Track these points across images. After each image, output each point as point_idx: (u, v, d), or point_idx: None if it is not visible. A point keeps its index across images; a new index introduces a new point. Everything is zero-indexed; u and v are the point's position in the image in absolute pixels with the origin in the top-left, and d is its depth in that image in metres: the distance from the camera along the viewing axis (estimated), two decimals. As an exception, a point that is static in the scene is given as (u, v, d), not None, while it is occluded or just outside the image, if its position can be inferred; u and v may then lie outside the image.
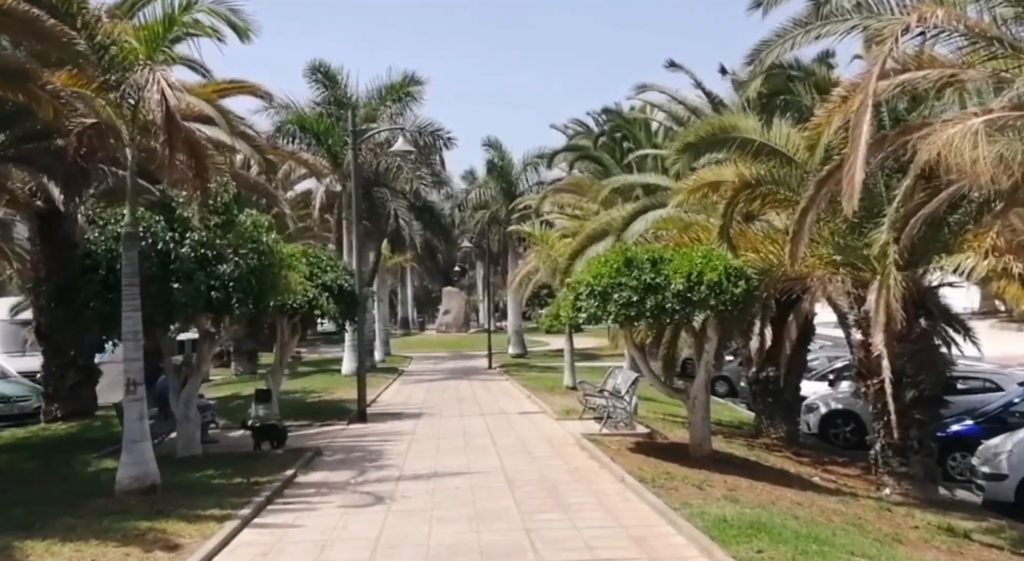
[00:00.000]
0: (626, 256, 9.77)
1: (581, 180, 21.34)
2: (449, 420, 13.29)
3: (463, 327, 41.73)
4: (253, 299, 8.89)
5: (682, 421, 13.96)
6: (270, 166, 12.67)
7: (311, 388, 18.51)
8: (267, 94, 13.71)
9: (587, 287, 9.77)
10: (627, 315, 9.48)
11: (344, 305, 12.96)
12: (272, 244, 8.96)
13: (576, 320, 10.07)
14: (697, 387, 9.94)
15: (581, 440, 10.55)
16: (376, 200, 23.00)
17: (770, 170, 10.02)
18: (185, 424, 9.55)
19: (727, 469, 9.47)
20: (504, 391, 18.55)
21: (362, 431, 12.24)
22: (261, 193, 13.55)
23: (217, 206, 8.91)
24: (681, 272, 9.35)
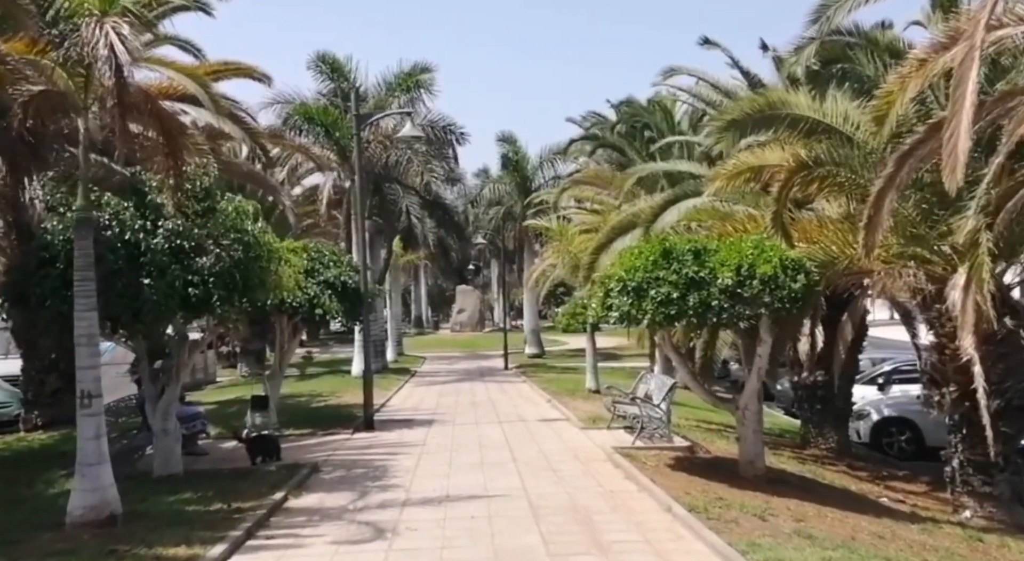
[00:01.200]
0: (664, 247, 8.35)
1: (601, 172, 19.89)
2: (463, 428, 11.93)
3: (478, 326, 40.44)
4: (237, 296, 7.60)
5: (718, 428, 12.53)
6: (266, 153, 11.38)
7: (318, 391, 17.26)
8: (265, 76, 12.47)
9: (619, 283, 8.35)
10: (666, 314, 8.05)
11: (348, 303, 11.65)
12: (259, 234, 7.65)
13: (607, 320, 8.66)
14: (748, 396, 8.48)
15: (613, 455, 9.14)
16: (387, 196, 21.76)
17: (828, 150, 8.55)
18: (163, 438, 8.29)
19: (785, 490, 8.03)
20: (522, 394, 17.16)
21: (367, 441, 10.93)
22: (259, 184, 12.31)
23: (196, 191, 7.65)
24: (729, 265, 7.92)
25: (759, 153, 9.84)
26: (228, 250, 7.48)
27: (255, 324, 18.02)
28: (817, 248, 8.44)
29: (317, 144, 18.56)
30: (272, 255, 7.80)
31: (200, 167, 7.69)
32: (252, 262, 7.61)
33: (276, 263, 7.90)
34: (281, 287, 8.23)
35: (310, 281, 11.24)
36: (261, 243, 7.66)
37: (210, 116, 9.05)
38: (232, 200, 7.71)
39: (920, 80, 7.20)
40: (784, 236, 8.48)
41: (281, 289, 8.32)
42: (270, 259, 7.74)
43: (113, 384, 16.03)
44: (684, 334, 10.05)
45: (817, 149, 8.46)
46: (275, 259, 7.88)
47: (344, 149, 18.10)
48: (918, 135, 7.16)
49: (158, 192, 7.59)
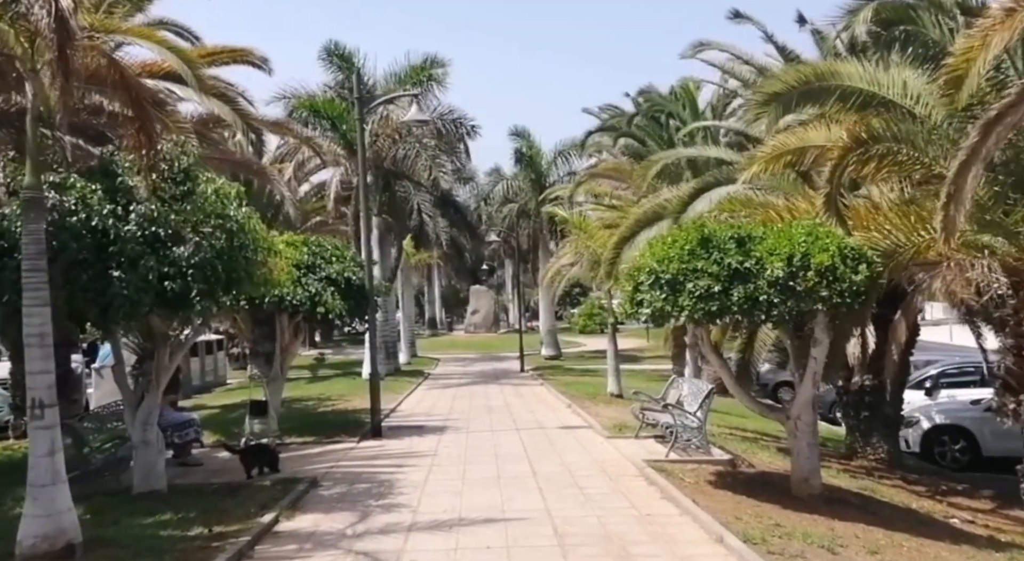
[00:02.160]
0: (702, 233, 7.26)
1: (620, 164, 18.81)
2: (478, 437, 10.89)
3: (492, 327, 39.45)
4: (220, 291, 6.64)
5: (753, 437, 11.38)
6: (260, 137, 10.42)
7: (327, 394, 16.33)
8: (263, 61, 11.53)
9: (650, 275, 7.28)
10: (706, 310, 6.96)
11: (353, 301, 10.69)
12: (243, 220, 6.68)
13: (637, 317, 7.58)
14: (800, 405, 7.35)
15: (645, 469, 8.04)
16: (397, 193, 20.84)
17: (888, 124, 7.40)
18: (143, 451, 7.34)
19: (845, 512, 6.90)
20: (540, 399, 16.08)
21: (374, 451, 9.93)
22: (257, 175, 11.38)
23: (174, 172, 6.70)
24: (779, 254, 6.81)
25: (801, 133, 8.73)
26: (209, 238, 6.52)
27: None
28: (877, 235, 7.29)
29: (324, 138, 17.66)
30: (259, 244, 6.82)
31: (178, 145, 6.73)
32: (236, 252, 6.65)
33: (265, 253, 6.92)
34: (272, 281, 7.24)
35: (311, 277, 10.32)
36: (246, 230, 6.68)
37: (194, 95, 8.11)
38: (213, 181, 6.74)
39: (1007, 33, 6.05)
40: (839, 221, 7.35)
41: (272, 284, 7.33)
42: (257, 249, 6.76)
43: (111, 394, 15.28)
44: (720, 334, 8.94)
45: (875, 124, 7.31)
46: (263, 249, 6.89)
47: (351, 143, 17.17)
48: (1008, 98, 6.01)
49: (132, 173, 6.67)
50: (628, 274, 7.69)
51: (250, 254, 6.73)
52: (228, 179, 7.92)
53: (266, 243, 6.99)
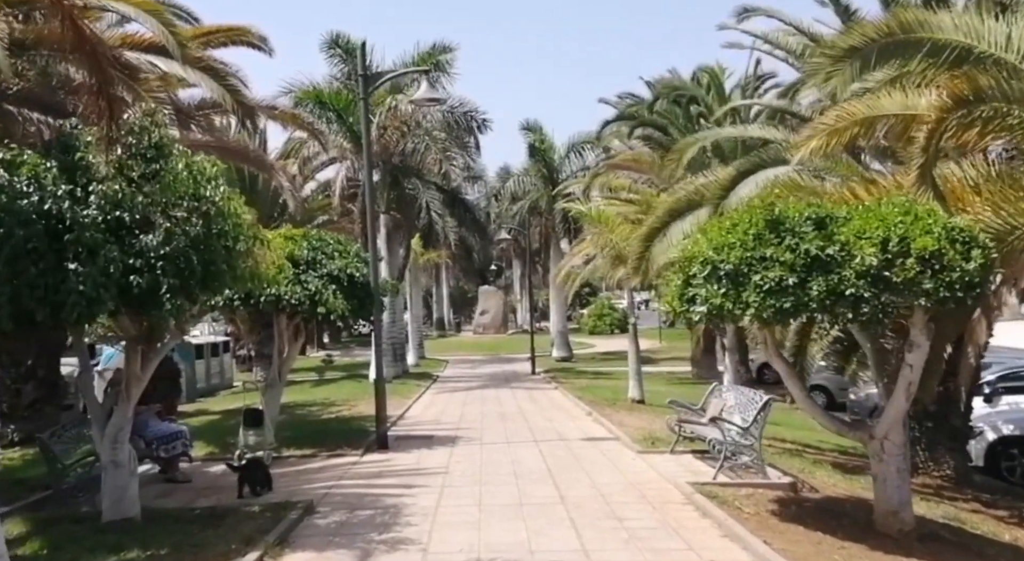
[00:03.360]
0: (771, 214, 5.95)
1: (639, 155, 17.51)
2: (493, 449, 9.60)
3: (501, 328, 38.16)
4: (196, 286, 5.38)
5: (795, 449, 10.03)
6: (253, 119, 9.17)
7: (332, 399, 15.08)
8: (262, 39, 10.33)
9: (705, 265, 5.98)
10: (777, 307, 5.64)
11: (356, 300, 9.41)
12: (221, 201, 5.42)
13: (689, 316, 6.25)
14: (889, 422, 6.01)
15: (693, 495, 6.73)
16: (406, 191, 19.61)
17: (998, 82, 6.08)
18: (113, 473, 6.07)
19: (945, 553, 5.60)
20: (556, 404, 14.78)
21: (379, 466, 8.64)
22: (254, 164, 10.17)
23: (143, 147, 5.46)
24: (871, 238, 5.50)
25: (871, 101, 7.41)
26: (182, 224, 5.28)
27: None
28: (987, 215, 5.95)
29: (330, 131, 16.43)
30: (242, 231, 5.55)
31: (148, 115, 5.48)
32: (215, 240, 5.40)
33: (250, 243, 5.66)
34: (260, 276, 5.97)
35: (311, 274, 9.07)
36: (226, 214, 5.42)
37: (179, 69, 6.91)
38: (185, 155, 5.48)
39: None
40: (937, 198, 6.03)
41: (261, 279, 6.06)
42: (239, 237, 5.49)
43: None
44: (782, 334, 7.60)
45: (983, 81, 5.99)
46: (247, 237, 5.63)
47: (358, 136, 15.91)
48: None
49: (95, 149, 5.45)
50: (678, 265, 6.38)
51: (231, 243, 5.47)
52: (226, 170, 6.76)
53: (251, 231, 5.72)
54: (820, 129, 7.68)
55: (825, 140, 7.57)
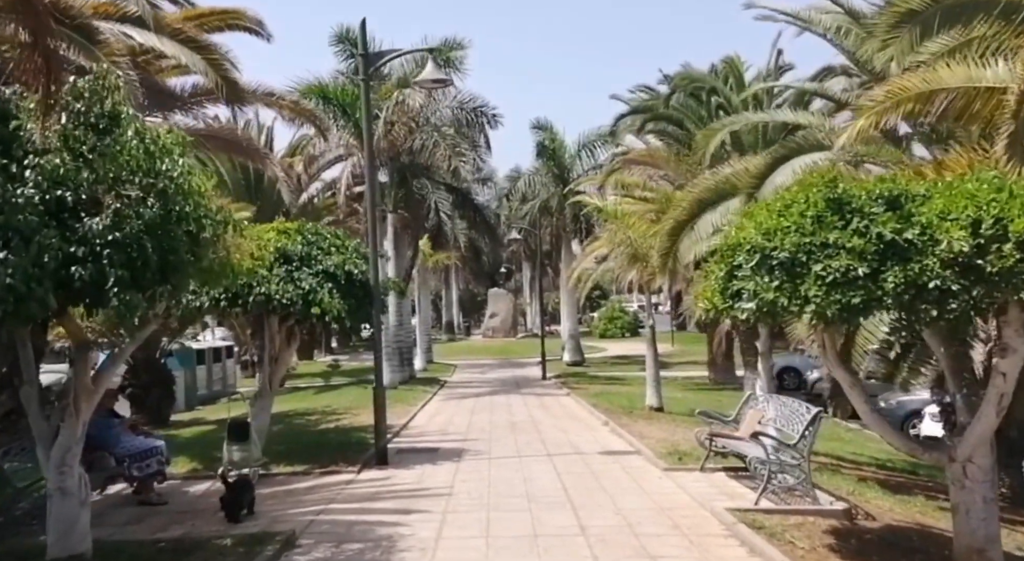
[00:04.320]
0: (834, 193, 4.93)
1: (655, 151, 16.51)
2: (503, 465, 8.57)
3: (511, 332, 37.16)
4: (151, 280, 4.44)
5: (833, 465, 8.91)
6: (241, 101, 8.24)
7: (334, 407, 14.11)
8: (257, 22, 9.46)
9: (752, 254, 4.97)
10: (844, 303, 4.61)
11: (354, 300, 8.45)
12: (180, 177, 4.47)
13: (734, 313, 5.22)
14: (974, 442, 4.94)
15: (735, 525, 5.67)
16: (414, 191, 18.72)
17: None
18: (59, 503, 5.11)
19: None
20: (569, 412, 13.74)
21: (375, 486, 7.64)
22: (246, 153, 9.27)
23: (93, 116, 4.54)
24: (960, 219, 4.47)
25: (928, 74, 6.39)
26: (135, 205, 4.35)
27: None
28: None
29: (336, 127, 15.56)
30: (207, 213, 4.60)
31: (100, 78, 4.57)
32: (174, 225, 4.45)
33: (218, 229, 4.70)
34: (233, 269, 5.00)
35: (304, 271, 8.14)
36: (186, 193, 4.48)
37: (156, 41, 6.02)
38: (133, 119, 4.54)
39: None
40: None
41: (234, 273, 5.08)
42: (201, 220, 4.54)
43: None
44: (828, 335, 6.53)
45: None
46: (214, 222, 4.67)
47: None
48: None
49: (32, 117, 4.55)
50: (721, 254, 5.35)
51: (193, 228, 4.52)
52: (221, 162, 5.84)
53: (221, 215, 4.76)
54: (868, 106, 6.69)
55: (874, 118, 6.59)
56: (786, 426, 7.19)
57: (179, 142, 4.57)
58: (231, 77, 7.66)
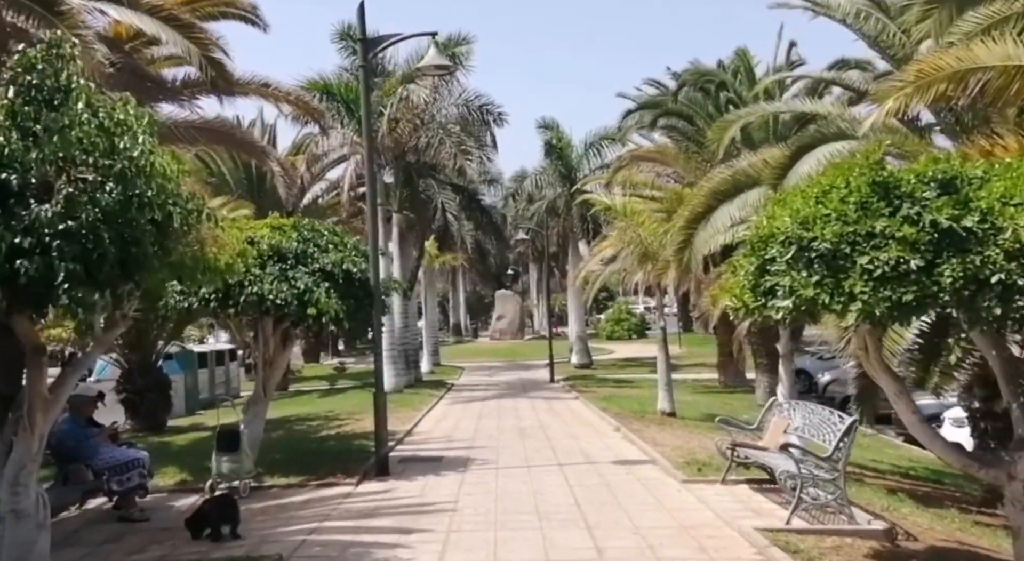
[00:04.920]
0: (880, 177, 4.32)
1: (664, 148, 15.91)
2: (511, 476, 7.96)
3: (518, 334, 36.55)
4: (110, 275, 3.89)
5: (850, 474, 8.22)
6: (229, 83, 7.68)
7: (336, 412, 13.57)
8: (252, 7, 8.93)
9: (788, 245, 4.37)
10: (894, 301, 4.01)
11: (353, 300, 7.88)
12: (145, 156, 3.92)
13: (769, 312, 4.60)
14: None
15: (768, 549, 5.03)
16: (420, 191, 18.19)
17: None
18: (13, 525, 4.52)
19: None
20: (579, 417, 13.12)
21: (375, 500, 7.04)
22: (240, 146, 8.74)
23: (45, 91, 4.01)
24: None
25: (962, 52, 5.80)
26: (91, 190, 3.80)
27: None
28: None
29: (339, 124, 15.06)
30: (176, 199, 4.03)
31: (52, 46, 4.03)
32: (136, 212, 3.90)
33: (189, 217, 4.14)
34: (208, 264, 4.44)
35: (300, 270, 7.59)
36: (148, 175, 3.92)
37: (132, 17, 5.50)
38: (85, 88, 3.98)
39: None
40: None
41: (209, 268, 4.52)
42: (167, 206, 3.97)
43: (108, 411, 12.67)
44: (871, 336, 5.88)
45: None
46: (184, 211, 4.11)
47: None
48: None
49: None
50: (751, 245, 4.74)
51: (158, 216, 3.96)
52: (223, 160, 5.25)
53: (193, 202, 4.20)
54: (897, 87, 6.09)
55: (904, 100, 6.00)
56: (816, 436, 6.55)
57: (140, 116, 4.00)
58: (217, 58, 7.10)
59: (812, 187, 4.67)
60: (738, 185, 8.49)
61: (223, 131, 8.67)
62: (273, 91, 9.07)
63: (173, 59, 7.90)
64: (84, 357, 4.78)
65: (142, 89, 6.78)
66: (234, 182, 17.18)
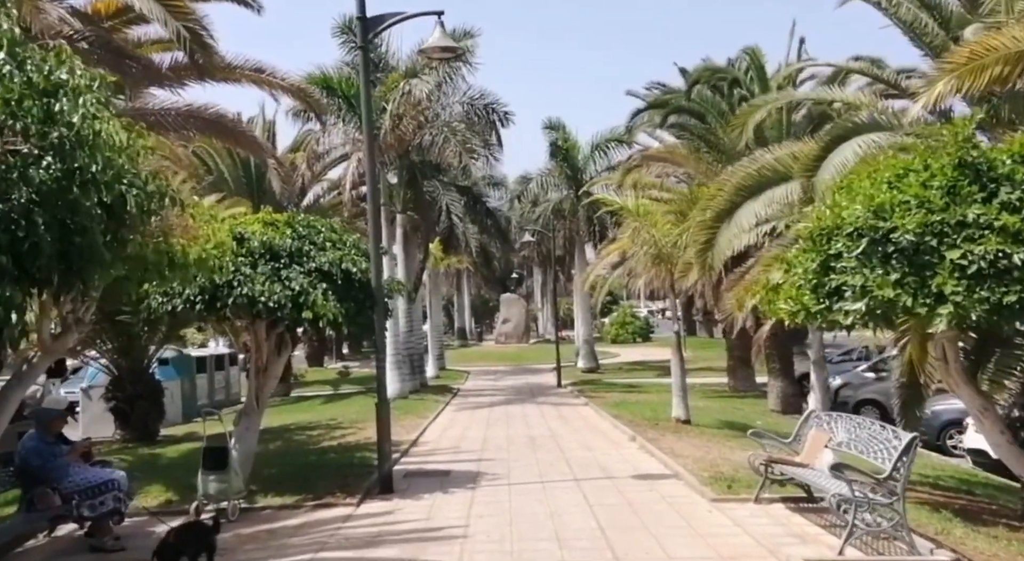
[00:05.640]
0: (970, 157, 3.57)
1: (674, 148, 15.17)
2: (524, 493, 7.18)
3: (524, 337, 35.80)
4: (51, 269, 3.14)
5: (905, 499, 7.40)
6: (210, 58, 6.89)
7: (339, 420, 12.79)
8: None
9: (857, 238, 3.62)
10: (995, 301, 3.24)
11: (352, 303, 7.13)
12: (88, 122, 3.17)
13: (835, 316, 3.83)
14: None
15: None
16: (425, 191, 17.49)
17: None
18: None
19: None
20: (590, 424, 12.33)
21: (376, 524, 6.27)
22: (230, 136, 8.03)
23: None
24: None
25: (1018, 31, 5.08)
26: (22, 165, 3.06)
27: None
28: None
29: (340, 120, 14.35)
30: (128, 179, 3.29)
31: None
32: (80, 192, 3.15)
33: (150, 201, 3.39)
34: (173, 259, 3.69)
35: (295, 269, 6.86)
36: (92, 147, 3.17)
37: None
38: (11, 37, 3.24)
39: None
40: None
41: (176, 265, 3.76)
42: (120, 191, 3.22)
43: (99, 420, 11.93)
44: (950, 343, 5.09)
45: None
46: (146, 194, 3.36)
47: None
48: None
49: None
50: (811, 240, 3.98)
51: (108, 198, 3.22)
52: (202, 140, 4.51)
53: (155, 184, 3.46)
54: (948, 69, 5.35)
55: (954, 82, 5.28)
56: (864, 452, 5.76)
57: (92, 78, 3.24)
58: (203, 38, 6.36)
59: (884, 170, 3.92)
60: (764, 180, 7.75)
61: (213, 120, 7.95)
62: (267, 78, 8.28)
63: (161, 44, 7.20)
64: (30, 369, 4.02)
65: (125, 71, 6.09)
66: (232, 180, 16.47)
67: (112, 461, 6.55)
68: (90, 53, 5.07)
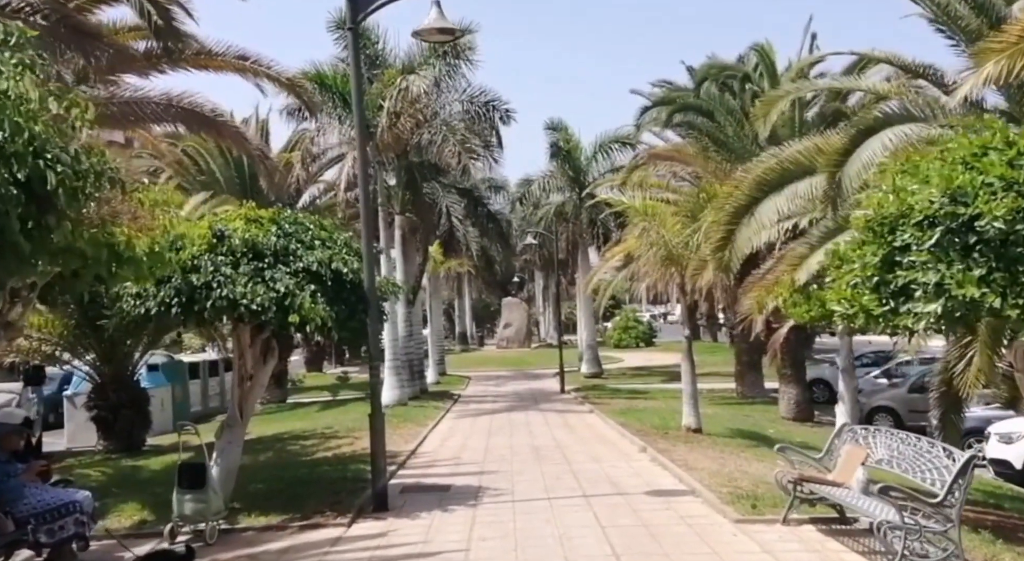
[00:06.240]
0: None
1: (683, 147, 14.58)
2: (530, 511, 6.54)
3: (525, 342, 35.11)
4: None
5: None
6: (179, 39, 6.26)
7: (335, 429, 12.13)
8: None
9: (932, 226, 2.99)
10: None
11: (343, 306, 6.50)
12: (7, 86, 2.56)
13: (903, 319, 3.20)
14: None
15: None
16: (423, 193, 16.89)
17: None
18: None
19: None
20: (597, 433, 11.68)
21: (369, 548, 5.61)
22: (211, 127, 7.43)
23: None
24: None
25: None
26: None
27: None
28: None
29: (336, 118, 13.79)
30: (52, 151, 2.67)
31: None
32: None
33: (84, 180, 2.77)
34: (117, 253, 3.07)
35: (281, 270, 6.24)
36: (19, 118, 2.55)
37: None
38: None
39: None
40: None
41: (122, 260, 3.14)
42: (38, 166, 2.61)
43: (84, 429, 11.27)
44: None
45: None
46: (77, 171, 2.74)
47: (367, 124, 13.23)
48: None
49: None
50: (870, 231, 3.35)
51: (22, 175, 2.60)
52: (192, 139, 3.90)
53: (91, 161, 2.84)
54: (997, 48, 4.77)
55: (1006, 62, 4.70)
56: (909, 471, 5.12)
57: (21, 35, 2.63)
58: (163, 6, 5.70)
59: (956, 149, 3.30)
60: (786, 174, 7.14)
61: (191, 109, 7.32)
62: (252, 66, 7.59)
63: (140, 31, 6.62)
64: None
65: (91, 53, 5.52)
66: (224, 181, 15.89)
67: (74, 480, 5.90)
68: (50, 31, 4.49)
